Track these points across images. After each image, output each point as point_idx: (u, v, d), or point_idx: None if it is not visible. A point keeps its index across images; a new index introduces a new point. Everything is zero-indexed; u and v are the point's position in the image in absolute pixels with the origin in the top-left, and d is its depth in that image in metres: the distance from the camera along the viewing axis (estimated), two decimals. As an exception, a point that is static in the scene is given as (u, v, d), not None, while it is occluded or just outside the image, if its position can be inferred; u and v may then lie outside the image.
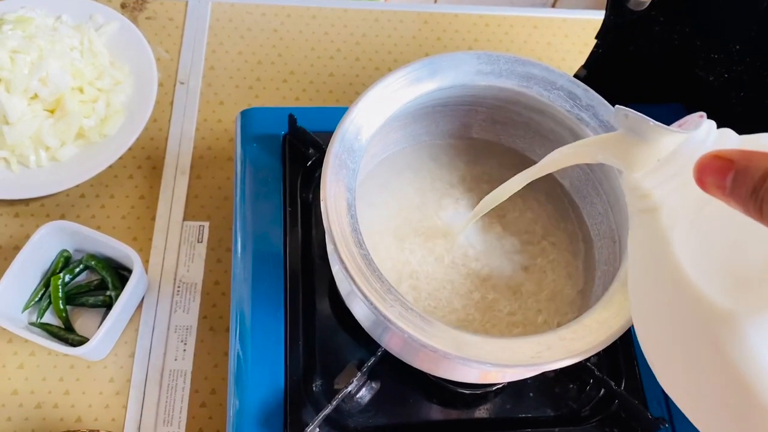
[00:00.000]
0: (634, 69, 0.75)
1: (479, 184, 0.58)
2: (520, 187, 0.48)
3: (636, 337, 0.59)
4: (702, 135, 0.33)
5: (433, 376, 0.55)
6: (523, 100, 0.52)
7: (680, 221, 0.34)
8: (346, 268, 0.43)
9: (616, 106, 0.37)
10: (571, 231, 0.57)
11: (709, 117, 0.73)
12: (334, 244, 0.44)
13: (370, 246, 0.48)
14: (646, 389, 0.57)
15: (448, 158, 0.59)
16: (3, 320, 0.61)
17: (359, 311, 0.50)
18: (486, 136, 0.59)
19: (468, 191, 0.58)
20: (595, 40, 0.73)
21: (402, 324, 0.42)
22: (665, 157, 0.34)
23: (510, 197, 0.50)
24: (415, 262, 0.53)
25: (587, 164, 0.54)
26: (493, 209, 0.51)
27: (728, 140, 0.34)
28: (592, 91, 0.51)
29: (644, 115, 0.35)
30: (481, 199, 0.54)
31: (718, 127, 0.35)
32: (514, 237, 0.56)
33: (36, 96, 0.70)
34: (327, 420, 0.53)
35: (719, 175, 0.29)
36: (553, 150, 0.55)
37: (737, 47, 0.66)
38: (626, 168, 0.37)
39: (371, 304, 0.42)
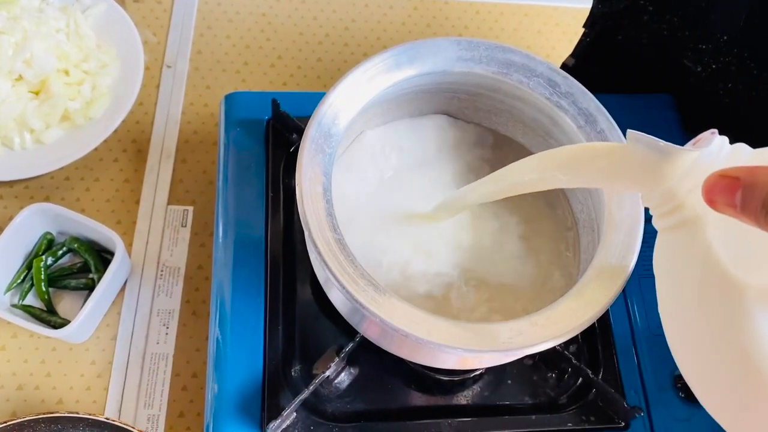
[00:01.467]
0: (623, 58, 0.74)
1: (466, 165, 0.58)
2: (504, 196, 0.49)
3: (615, 328, 0.59)
4: (714, 151, 0.34)
5: (411, 363, 0.55)
6: (504, 87, 0.52)
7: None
8: (319, 253, 0.43)
9: (628, 131, 0.37)
10: (561, 217, 0.56)
11: (696, 107, 0.73)
12: (309, 230, 0.44)
13: (348, 229, 0.48)
14: (624, 379, 0.57)
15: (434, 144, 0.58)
16: (-16, 301, 0.61)
17: (336, 298, 0.50)
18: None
19: (454, 177, 0.57)
20: (583, 29, 0.73)
21: (374, 309, 0.42)
22: (679, 175, 0.35)
23: None
24: (394, 247, 0.53)
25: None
26: None
27: (741, 154, 0.35)
28: (572, 79, 0.51)
29: (655, 138, 0.35)
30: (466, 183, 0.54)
31: (727, 135, 0.35)
32: (499, 222, 0.55)
33: (20, 78, 0.70)
34: (305, 404, 0.53)
35: (727, 193, 0.30)
36: (535, 138, 0.56)
37: (725, 38, 0.65)
38: (651, 182, 0.37)
39: (343, 288, 0.42)
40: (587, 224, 0.53)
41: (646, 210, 0.46)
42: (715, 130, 0.35)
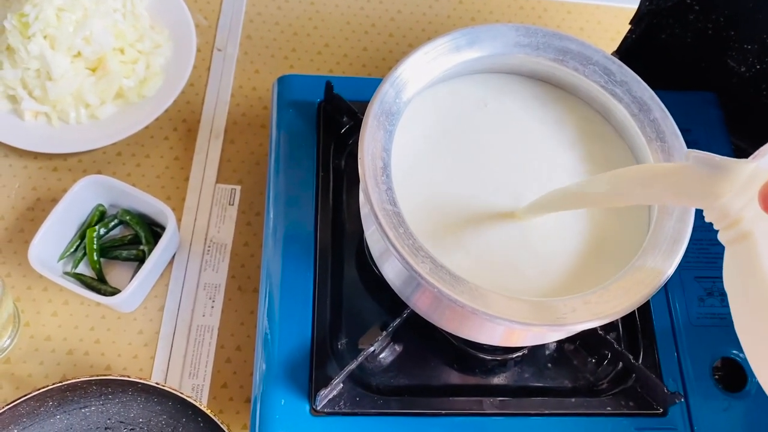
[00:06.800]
0: (667, 56, 0.75)
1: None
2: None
3: (654, 317, 0.60)
4: None
5: (456, 341, 0.57)
6: (558, 74, 0.53)
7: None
8: (380, 225, 0.44)
9: (686, 150, 0.38)
10: None
11: (739, 106, 0.74)
12: (371, 202, 0.45)
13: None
14: (663, 367, 0.58)
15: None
16: (40, 267, 0.63)
17: (390, 271, 0.52)
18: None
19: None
20: (629, 26, 0.74)
21: (432, 279, 0.43)
22: (737, 188, 0.36)
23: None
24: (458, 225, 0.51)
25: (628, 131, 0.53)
26: None
27: None
28: (627, 68, 0.52)
29: (712, 154, 0.36)
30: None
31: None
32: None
33: (79, 54, 0.72)
34: (351, 377, 0.54)
35: None
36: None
37: (771, 38, 0.66)
38: (710, 199, 0.37)
39: (403, 258, 0.43)
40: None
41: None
42: None
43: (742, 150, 0.74)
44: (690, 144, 0.52)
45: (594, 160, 0.53)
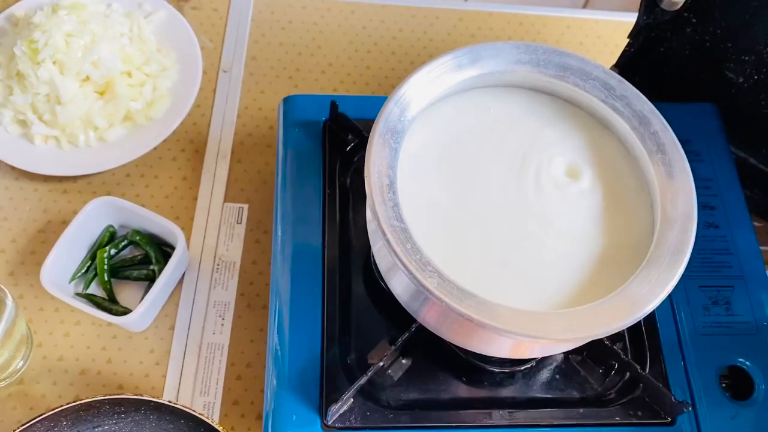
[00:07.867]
0: (665, 68, 0.76)
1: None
2: None
3: (660, 327, 0.61)
4: None
5: (464, 354, 0.57)
6: (559, 89, 0.54)
7: None
8: (387, 240, 0.45)
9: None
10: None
11: (739, 117, 0.74)
12: (378, 219, 0.46)
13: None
14: (670, 375, 0.59)
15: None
16: (52, 288, 0.63)
17: (398, 286, 0.52)
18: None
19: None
20: (628, 39, 0.75)
21: (440, 293, 0.44)
22: None
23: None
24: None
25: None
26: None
27: None
28: (627, 82, 0.53)
29: None
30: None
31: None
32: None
33: (88, 78, 0.73)
34: (361, 391, 0.55)
35: None
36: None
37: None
38: None
39: (411, 274, 0.44)
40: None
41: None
42: None
43: (744, 160, 0.75)
44: (691, 155, 0.53)
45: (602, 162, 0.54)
